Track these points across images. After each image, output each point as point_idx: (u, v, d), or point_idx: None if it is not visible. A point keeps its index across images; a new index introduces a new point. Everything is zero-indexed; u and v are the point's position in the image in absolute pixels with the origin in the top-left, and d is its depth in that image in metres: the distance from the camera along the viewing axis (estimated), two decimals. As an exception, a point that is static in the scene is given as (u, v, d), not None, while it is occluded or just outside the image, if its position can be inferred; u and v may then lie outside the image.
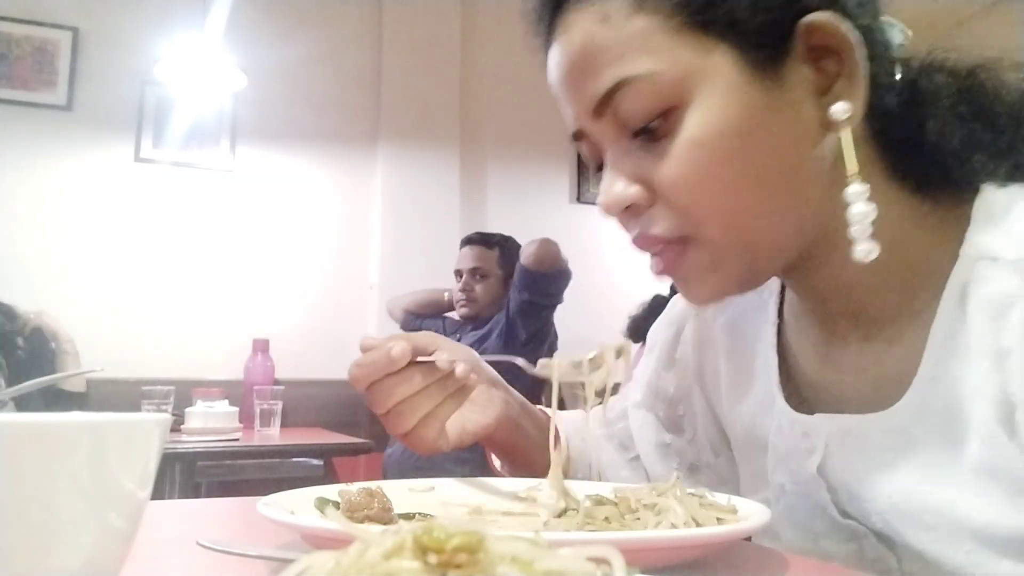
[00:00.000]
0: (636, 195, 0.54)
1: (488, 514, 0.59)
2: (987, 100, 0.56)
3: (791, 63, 0.52)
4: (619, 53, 0.52)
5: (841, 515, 0.58)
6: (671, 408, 0.79)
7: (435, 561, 0.21)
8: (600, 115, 0.54)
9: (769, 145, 0.52)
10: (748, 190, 0.52)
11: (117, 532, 0.34)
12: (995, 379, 0.50)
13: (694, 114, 0.51)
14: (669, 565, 0.42)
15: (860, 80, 0.52)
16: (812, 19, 0.51)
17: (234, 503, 0.73)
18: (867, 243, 0.51)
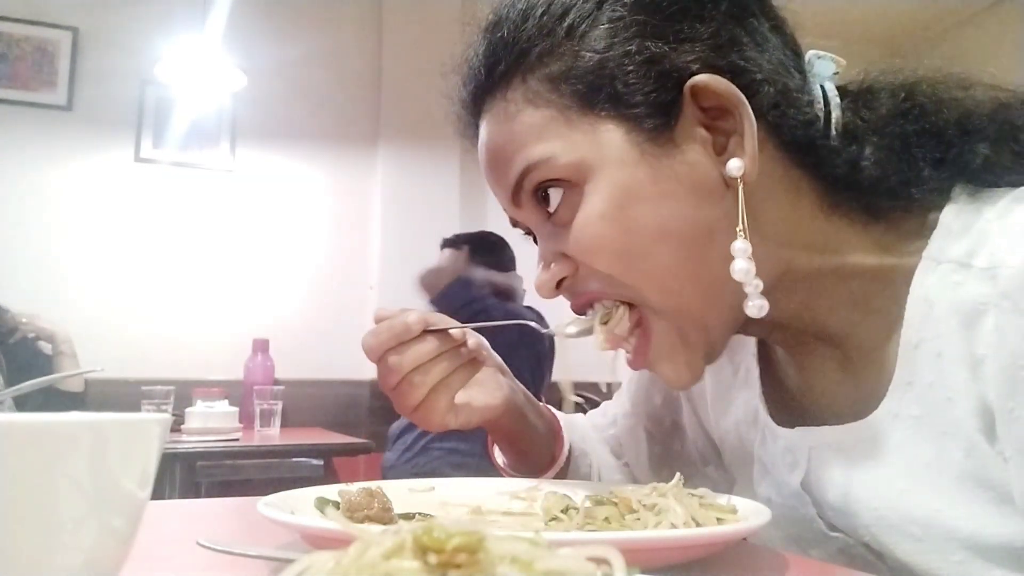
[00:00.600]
0: (559, 271, 0.57)
1: (488, 514, 0.59)
2: (928, 118, 0.56)
3: (683, 127, 0.54)
4: (521, 143, 0.56)
5: (828, 528, 0.58)
6: (658, 419, 0.79)
7: (435, 561, 0.21)
8: (519, 204, 0.58)
9: (671, 209, 0.53)
10: (662, 252, 0.53)
11: (117, 532, 0.34)
12: (973, 388, 0.49)
13: (592, 191, 0.54)
14: (669, 565, 0.42)
15: (750, 136, 0.53)
16: (693, 82, 0.53)
17: (234, 503, 0.73)
18: (759, 299, 0.53)
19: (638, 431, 0.80)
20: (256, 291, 3.12)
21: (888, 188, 0.55)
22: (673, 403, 0.78)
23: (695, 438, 0.77)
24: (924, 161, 0.55)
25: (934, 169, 0.55)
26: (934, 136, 0.55)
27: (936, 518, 0.51)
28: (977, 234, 0.51)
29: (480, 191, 3.56)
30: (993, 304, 0.48)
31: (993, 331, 0.48)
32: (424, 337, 0.63)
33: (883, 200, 0.56)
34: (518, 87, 0.56)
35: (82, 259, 2.94)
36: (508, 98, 0.56)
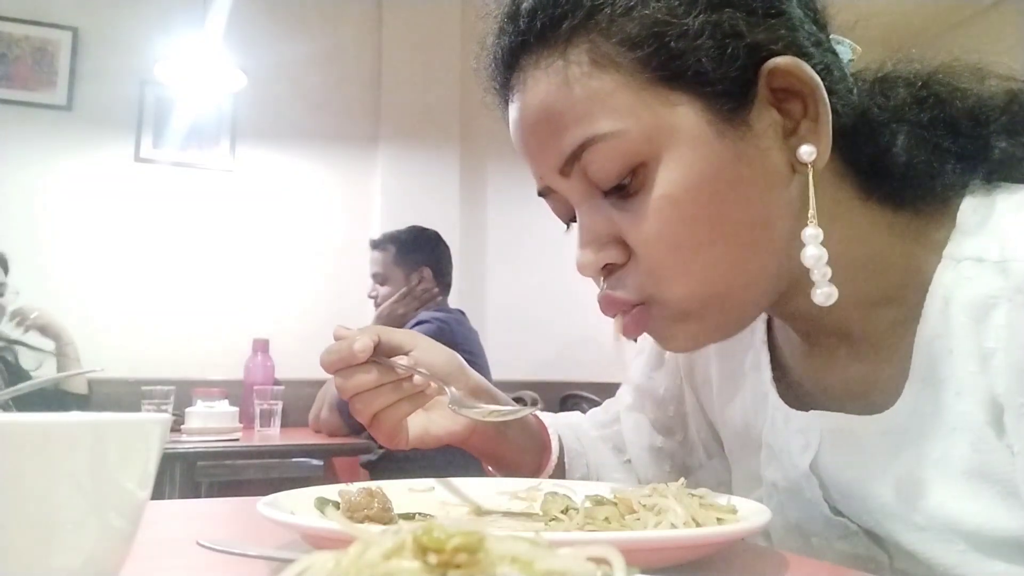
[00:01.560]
0: (613, 254, 0.54)
1: (488, 514, 0.59)
2: (946, 109, 0.55)
3: (756, 109, 0.51)
4: (583, 113, 0.51)
5: (832, 512, 0.59)
6: (662, 409, 0.79)
7: (435, 561, 0.21)
8: (567, 174, 0.53)
9: (740, 195, 0.51)
10: (721, 243, 0.51)
11: (117, 532, 0.34)
12: (982, 381, 0.50)
13: (664, 171, 0.50)
14: (669, 565, 0.42)
15: (825, 121, 0.51)
16: (775, 64, 0.50)
17: (234, 503, 0.73)
18: (827, 287, 0.51)
19: (641, 423, 0.80)
20: (256, 291, 3.12)
21: (913, 176, 0.54)
22: (677, 393, 0.78)
23: (698, 429, 0.77)
24: (943, 151, 0.54)
25: (955, 162, 0.54)
26: (948, 125, 0.55)
27: (941, 509, 0.51)
28: (991, 229, 0.52)
29: (480, 191, 3.56)
30: (1005, 298, 0.48)
31: (1004, 325, 0.48)
32: (368, 365, 0.63)
33: (908, 189, 0.55)
34: (583, 46, 0.51)
35: (82, 259, 2.94)
36: (570, 58, 0.51)
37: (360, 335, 0.63)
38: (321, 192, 3.29)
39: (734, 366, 0.70)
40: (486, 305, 3.45)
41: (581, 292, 3.53)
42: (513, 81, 0.55)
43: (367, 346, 0.62)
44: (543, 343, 3.49)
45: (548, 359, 3.48)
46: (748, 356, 0.68)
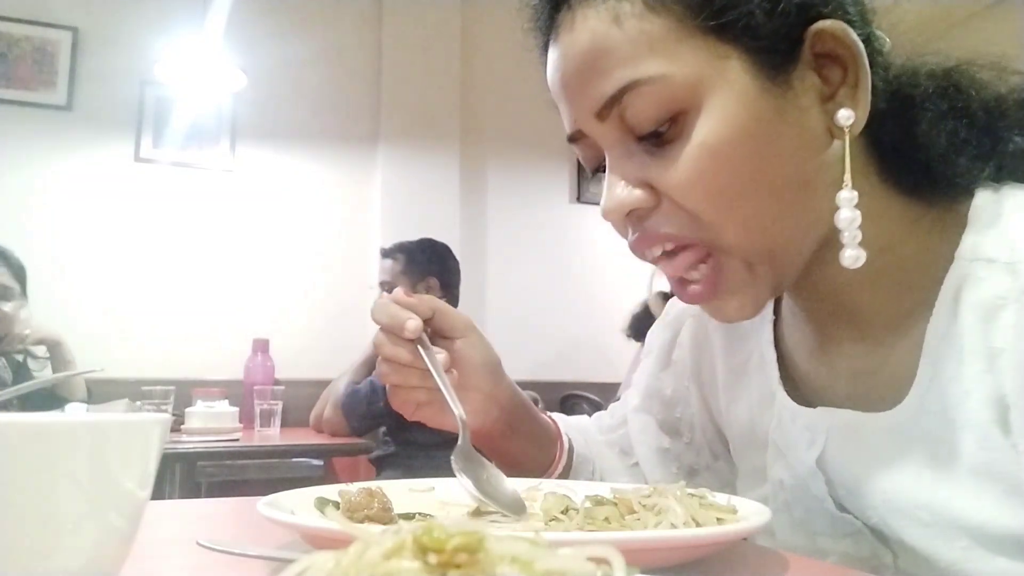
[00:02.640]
0: (640, 199, 0.53)
1: (488, 514, 0.59)
2: (964, 100, 0.56)
3: (799, 69, 0.52)
4: (630, 54, 0.51)
5: (838, 509, 0.59)
6: (669, 411, 0.79)
7: (435, 561, 0.21)
8: (604, 117, 0.53)
9: (778, 151, 0.51)
10: (758, 196, 0.52)
11: (117, 532, 0.34)
12: (989, 380, 0.50)
13: (705, 119, 0.50)
14: (669, 565, 0.42)
15: (865, 88, 0.52)
16: (822, 26, 0.51)
17: (234, 503, 0.73)
18: (855, 249, 0.52)
19: (648, 424, 0.80)
20: (256, 291, 3.12)
21: (930, 163, 0.55)
22: (683, 394, 0.78)
23: (704, 430, 0.77)
24: (960, 142, 0.55)
25: (969, 154, 0.55)
26: (966, 117, 0.56)
27: (946, 506, 0.52)
28: (1002, 229, 0.52)
29: (480, 191, 3.56)
30: (1013, 299, 0.49)
31: (1012, 325, 0.49)
32: (409, 345, 0.65)
33: (924, 176, 0.56)
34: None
35: (82, 259, 2.94)
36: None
37: (415, 312, 0.65)
38: (321, 192, 3.29)
39: (739, 365, 0.70)
40: (486, 305, 3.45)
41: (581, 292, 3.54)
42: (560, 20, 0.55)
43: (417, 328, 0.64)
44: (543, 343, 3.49)
45: (548, 359, 3.48)
46: (754, 355, 0.68)
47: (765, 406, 0.66)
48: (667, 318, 0.80)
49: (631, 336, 2.87)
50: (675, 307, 0.80)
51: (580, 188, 3.76)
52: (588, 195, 3.75)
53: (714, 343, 0.74)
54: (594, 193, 3.78)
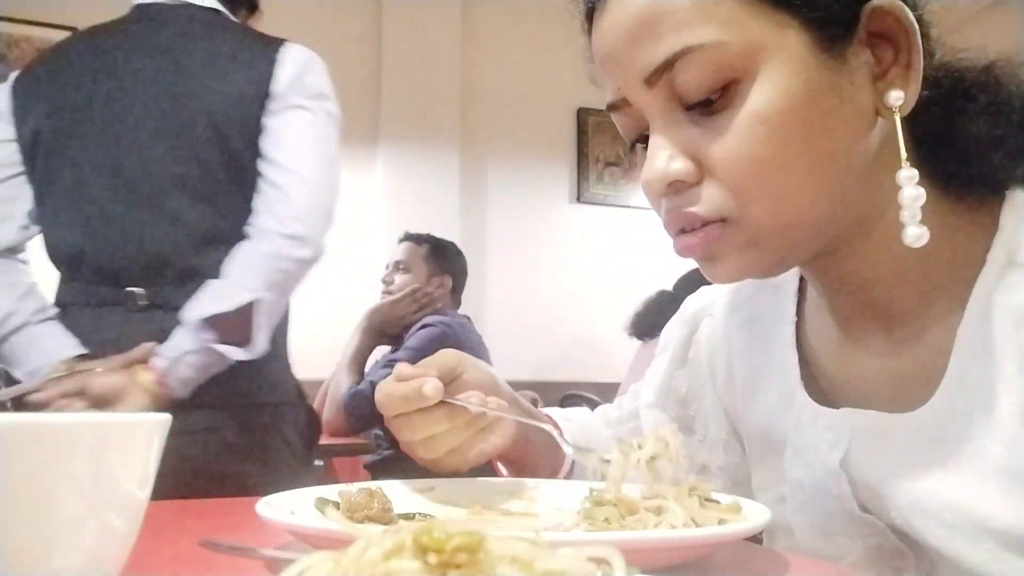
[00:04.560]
0: (684, 170, 0.52)
1: (488, 514, 0.59)
2: (1005, 96, 0.55)
3: (855, 46, 0.51)
4: (685, 20, 0.50)
5: (860, 510, 0.58)
6: (683, 408, 0.79)
7: (435, 561, 0.21)
8: (653, 84, 0.52)
9: (827, 126, 0.51)
10: (801, 171, 0.51)
11: (117, 532, 0.34)
12: (1018, 384, 0.50)
13: (758, 89, 0.50)
14: (669, 565, 0.42)
15: (917, 69, 0.52)
16: (879, 3, 0.51)
17: (234, 503, 0.73)
18: (917, 228, 0.51)
19: (662, 421, 0.79)
20: (256, 291, 3.11)
21: (967, 158, 0.55)
22: (698, 393, 0.78)
23: (719, 429, 0.77)
24: (994, 138, 0.55)
25: (1003, 151, 0.55)
26: (1006, 112, 0.55)
27: (971, 508, 0.51)
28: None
29: (480, 191, 3.56)
30: None
31: None
32: (439, 409, 0.61)
33: (961, 171, 0.55)
34: None
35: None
36: None
37: (426, 375, 0.61)
38: (321, 192, 3.29)
39: (759, 365, 0.70)
40: (486, 305, 3.45)
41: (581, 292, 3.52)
42: None
43: (438, 387, 0.60)
44: (543, 343, 3.49)
45: (548, 359, 3.48)
46: (774, 355, 0.68)
47: (784, 407, 0.66)
48: (684, 315, 0.80)
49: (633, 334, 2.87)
50: (692, 305, 0.80)
51: (580, 188, 3.76)
52: (588, 195, 3.75)
53: (733, 343, 0.73)
54: (594, 193, 3.78)
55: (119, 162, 1.22)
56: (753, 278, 0.57)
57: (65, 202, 1.24)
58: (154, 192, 1.21)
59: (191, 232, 1.20)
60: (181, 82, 1.25)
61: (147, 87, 1.24)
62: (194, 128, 1.21)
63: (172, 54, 1.26)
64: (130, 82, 1.25)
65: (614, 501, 0.52)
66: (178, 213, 1.20)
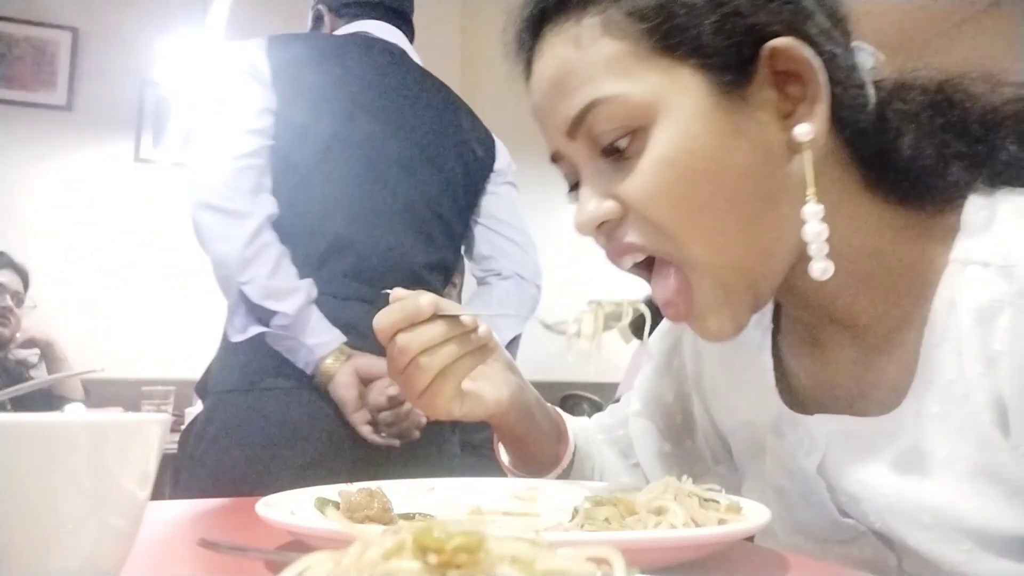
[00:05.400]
0: (608, 210, 0.55)
1: (488, 514, 0.59)
2: (956, 113, 0.57)
3: (756, 86, 0.53)
4: (590, 75, 0.54)
5: (840, 514, 0.59)
6: (670, 416, 0.79)
7: (435, 561, 0.21)
8: (574, 136, 0.56)
9: (735, 165, 0.53)
10: (718, 209, 0.53)
11: (117, 532, 0.34)
12: (988, 383, 0.51)
13: (661, 134, 0.53)
14: (669, 565, 0.42)
15: (822, 103, 0.53)
16: (775, 44, 0.53)
17: (234, 503, 0.73)
18: (823, 262, 0.53)
19: (650, 429, 0.80)
20: (256, 291, 3.11)
21: (919, 174, 0.56)
22: (684, 400, 0.78)
23: (706, 435, 0.77)
24: (952, 153, 0.56)
25: (961, 163, 0.56)
26: (959, 129, 0.57)
27: (948, 509, 0.52)
28: (996, 233, 0.53)
29: (480, 191, 3.56)
30: (1008, 302, 0.49)
31: (1008, 329, 0.49)
32: (434, 320, 0.62)
33: (913, 186, 0.56)
34: (596, 14, 0.54)
35: (82, 259, 2.94)
36: (583, 23, 0.54)
37: (418, 294, 0.63)
38: (321, 192, 3.29)
39: (738, 373, 0.70)
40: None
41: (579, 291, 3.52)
42: (534, 49, 0.59)
43: (432, 301, 0.62)
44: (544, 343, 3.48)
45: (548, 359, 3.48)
46: (752, 363, 0.68)
47: (763, 414, 0.66)
48: (668, 324, 0.80)
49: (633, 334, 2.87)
50: None
51: (580, 188, 3.76)
52: (588, 195, 3.75)
53: (714, 351, 0.74)
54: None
55: (382, 175, 1.30)
56: (743, 325, 0.58)
57: (340, 197, 1.26)
58: (413, 212, 1.32)
59: (424, 257, 1.34)
60: (439, 119, 1.40)
61: (412, 110, 1.36)
62: (444, 166, 1.38)
63: (429, 87, 1.42)
64: (393, 100, 1.34)
65: (614, 501, 0.52)
66: (425, 235, 1.34)
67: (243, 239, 1.16)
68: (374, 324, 0.63)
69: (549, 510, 0.60)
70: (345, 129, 1.28)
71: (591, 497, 0.54)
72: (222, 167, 1.19)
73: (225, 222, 1.17)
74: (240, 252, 1.16)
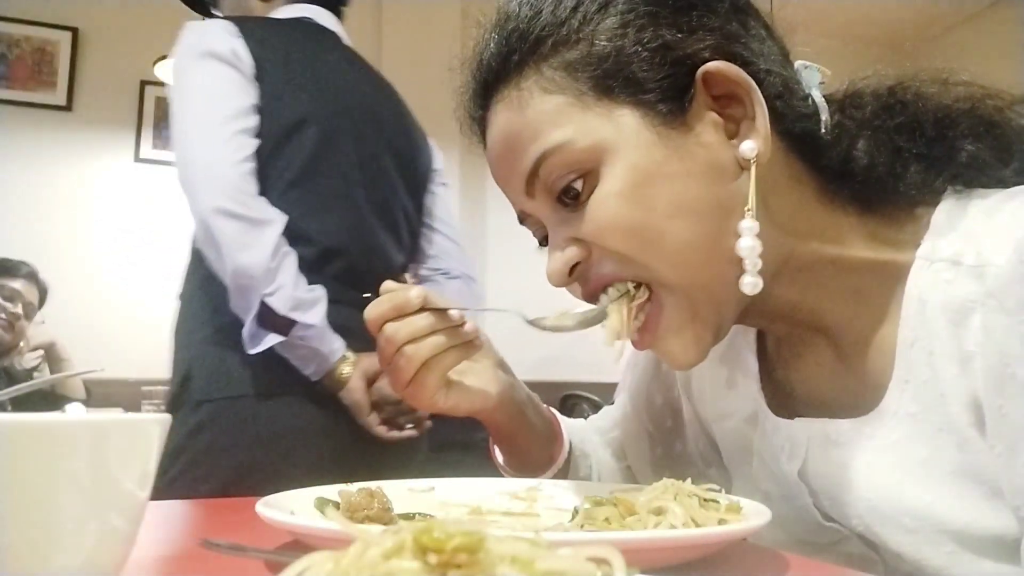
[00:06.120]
0: (573, 254, 0.57)
1: (488, 514, 0.59)
2: (909, 114, 0.58)
3: (695, 112, 0.55)
4: (535, 132, 0.56)
5: (824, 518, 0.59)
6: (660, 420, 0.79)
7: (435, 561, 0.21)
8: (531, 193, 0.58)
9: (687, 187, 0.54)
10: (677, 231, 0.54)
11: (117, 532, 0.34)
12: (964, 383, 0.51)
13: (608, 172, 0.54)
14: (669, 565, 0.42)
15: (762, 120, 0.54)
16: (707, 69, 0.54)
17: (234, 503, 0.73)
18: (754, 277, 0.54)
19: (640, 433, 0.80)
20: (256, 291, 3.11)
21: (878, 179, 0.57)
22: (674, 404, 0.79)
23: (696, 439, 0.77)
24: (909, 155, 0.57)
25: (921, 164, 0.56)
26: (914, 130, 0.57)
27: (928, 511, 0.52)
28: (965, 233, 0.53)
29: (480, 190, 3.56)
30: (980, 303, 0.50)
31: (980, 329, 0.49)
32: (422, 312, 0.63)
33: (875, 192, 0.57)
34: (531, 76, 0.56)
35: (81, 259, 2.94)
36: (521, 87, 0.57)
37: (407, 286, 0.64)
38: (321, 192, 3.29)
39: (726, 376, 0.71)
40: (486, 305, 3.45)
41: (581, 292, 3.49)
42: (486, 119, 0.61)
43: (421, 293, 0.63)
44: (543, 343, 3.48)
45: (548, 359, 3.48)
46: (739, 366, 0.69)
47: (750, 418, 0.66)
48: None
49: None
50: None
51: (580, 188, 3.76)
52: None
53: None
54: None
55: (372, 179, 1.28)
56: (708, 349, 0.59)
57: (332, 199, 1.23)
58: (389, 213, 1.31)
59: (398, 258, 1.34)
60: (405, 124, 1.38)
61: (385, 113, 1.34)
62: (417, 172, 1.38)
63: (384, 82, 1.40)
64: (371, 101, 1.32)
65: (614, 501, 0.52)
66: (397, 236, 1.33)
67: (269, 248, 1.10)
68: (364, 315, 0.64)
69: (549, 510, 0.60)
70: (331, 128, 1.24)
71: (591, 497, 0.54)
72: (229, 170, 1.13)
73: (247, 230, 1.10)
74: (267, 262, 1.09)
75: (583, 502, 0.54)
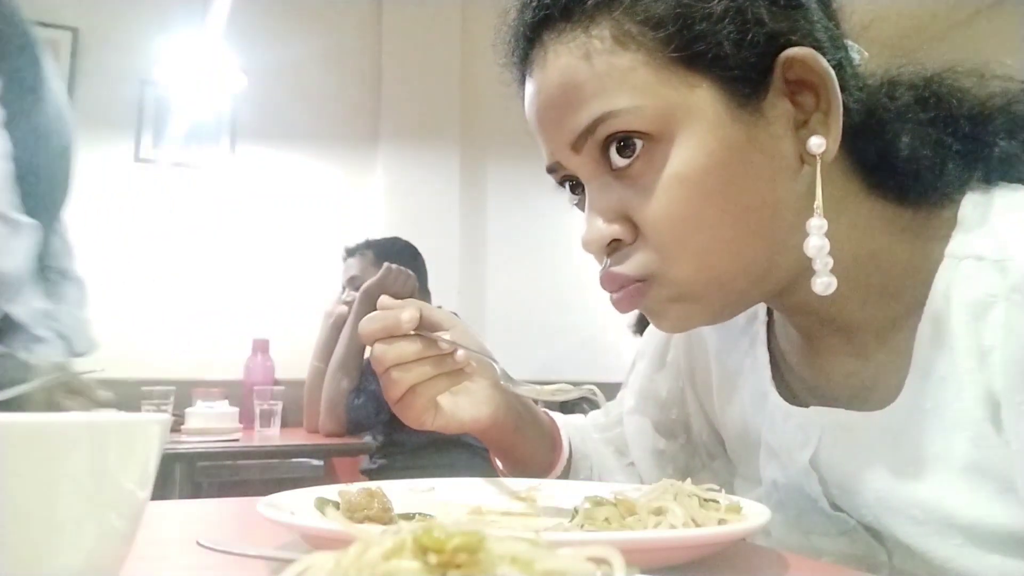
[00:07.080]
0: (619, 232, 0.54)
1: (488, 514, 0.59)
2: (946, 108, 0.57)
3: (771, 97, 0.52)
4: (601, 88, 0.51)
5: (832, 508, 0.59)
6: (664, 412, 0.79)
7: (435, 561, 0.21)
8: (579, 150, 0.54)
9: (750, 180, 0.52)
10: (724, 226, 0.52)
11: (117, 532, 0.34)
12: (980, 378, 0.50)
13: (678, 150, 0.51)
14: (669, 565, 0.42)
15: (837, 115, 0.52)
16: (792, 54, 0.51)
17: (234, 503, 0.73)
18: (827, 277, 0.52)
19: (644, 426, 0.80)
20: (256, 291, 3.11)
21: (917, 171, 0.55)
22: (679, 395, 0.78)
23: (700, 431, 0.77)
24: (945, 148, 0.55)
25: (956, 158, 0.55)
26: (950, 124, 0.56)
27: (939, 504, 0.52)
28: (990, 227, 0.52)
29: (480, 191, 3.56)
30: (1003, 297, 0.49)
31: (1001, 323, 0.49)
32: (413, 337, 0.63)
33: (911, 185, 0.56)
34: (606, 24, 0.52)
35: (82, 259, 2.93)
36: (593, 34, 0.52)
37: (406, 306, 0.63)
38: (321, 192, 3.29)
39: (733, 367, 0.70)
40: (486, 305, 3.45)
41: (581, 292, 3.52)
42: (533, 56, 0.56)
43: (414, 317, 0.62)
44: (544, 343, 3.48)
45: (549, 359, 3.48)
46: (747, 356, 0.68)
47: (758, 407, 0.66)
48: None
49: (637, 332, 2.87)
50: None
51: (580, 188, 3.75)
52: (588, 195, 3.75)
53: (708, 345, 0.74)
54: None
55: None
56: (698, 324, 0.58)
57: None
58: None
59: None
60: None
61: None
62: None
63: None
64: None
65: (614, 501, 0.52)
66: None
67: None
68: (359, 328, 0.64)
69: (549, 510, 0.60)
70: None
71: (591, 497, 0.54)
72: None
73: None
74: None
75: (583, 502, 0.54)
